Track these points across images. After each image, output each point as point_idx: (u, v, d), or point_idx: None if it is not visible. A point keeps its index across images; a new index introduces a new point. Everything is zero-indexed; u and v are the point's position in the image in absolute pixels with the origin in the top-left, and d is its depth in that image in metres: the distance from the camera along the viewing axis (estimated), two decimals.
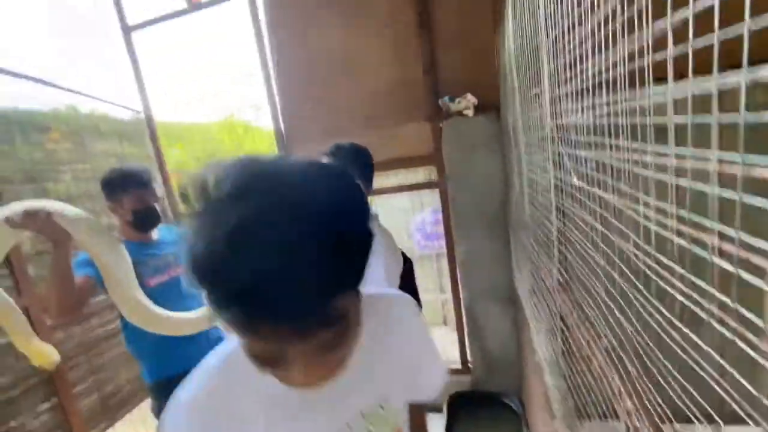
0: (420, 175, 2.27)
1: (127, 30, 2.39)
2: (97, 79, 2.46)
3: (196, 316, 1.38)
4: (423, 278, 3.97)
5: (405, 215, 3.20)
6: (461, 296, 2.16)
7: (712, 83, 0.27)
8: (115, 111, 2.41)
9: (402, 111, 2.06)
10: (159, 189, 1.46)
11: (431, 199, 2.64)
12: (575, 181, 0.66)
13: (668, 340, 0.40)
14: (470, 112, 1.81)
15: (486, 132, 1.84)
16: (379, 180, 2.15)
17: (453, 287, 2.23)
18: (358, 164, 1.14)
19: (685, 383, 0.40)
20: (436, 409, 2.23)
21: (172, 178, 2.69)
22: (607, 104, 0.50)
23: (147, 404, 2.38)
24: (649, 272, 0.42)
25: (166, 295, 1.36)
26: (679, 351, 0.38)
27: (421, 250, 4.47)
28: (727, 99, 0.29)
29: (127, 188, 1.35)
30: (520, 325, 1.94)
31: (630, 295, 0.49)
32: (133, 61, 2.45)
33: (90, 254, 1.22)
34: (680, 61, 0.32)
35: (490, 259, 2.01)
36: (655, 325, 0.42)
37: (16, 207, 1.08)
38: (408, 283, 1.17)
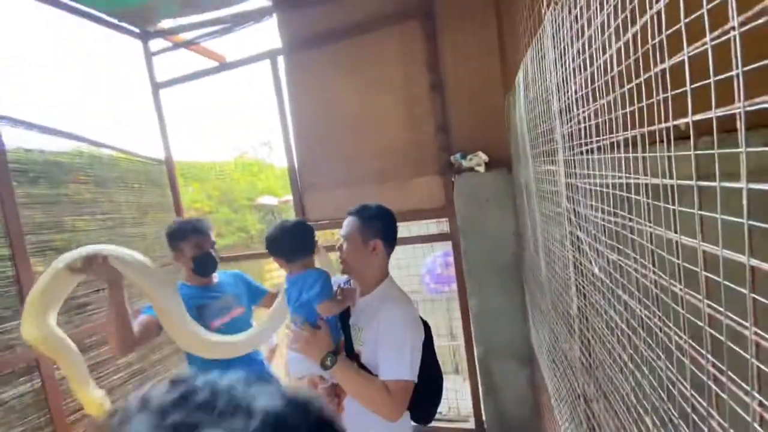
0: (432, 225, 2.29)
1: (156, 86, 2.54)
2: (124, 127, 2.59)
3: (244, 337, 1.52)
4: (433, 322, 3.88)
5: (415, 259, 3.20)
6: (475, 351, 2.10)
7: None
8: (138, 161, 2.52)
9: (414, 165, 2.11)
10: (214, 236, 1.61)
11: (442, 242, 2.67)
12: (596, 271, 0.66)
13: None
14: (481, 169, 1.85)
15: (497, 187, 1.87)
16: None
17: (466, 337, 2.17)
18: (384, 222, 1.18)
19: None
20: None
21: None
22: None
23: None
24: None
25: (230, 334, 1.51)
26: None
27: (432, 294, 4.40)
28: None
29: (185, 236, 1.49)
30: (538, 386, 1.87)
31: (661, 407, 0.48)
32: (160, 116, 2.58)
33: (143, 292, 1.34)
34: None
35: (505, 314, 1.97)
36: None
37: (75, 253, 1.19)
38: (429, 353, 1.16)
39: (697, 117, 0.34)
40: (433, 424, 2.32)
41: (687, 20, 0.33)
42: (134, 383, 2.25)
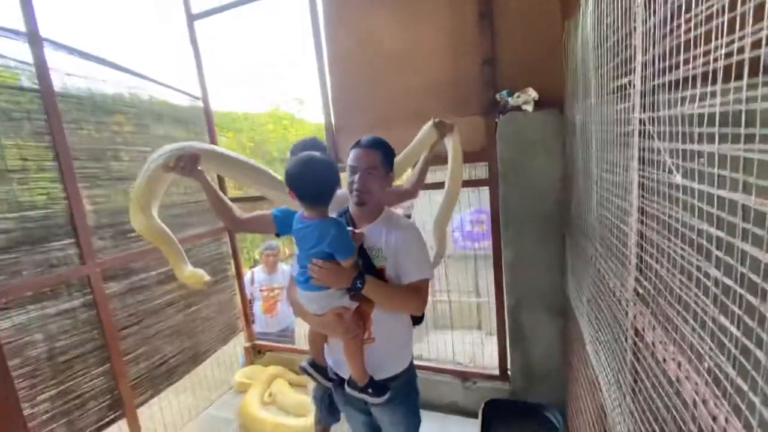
0: (468, 173, 2.19)
1: (191, 18, 2.48)
2: (160, 65, 2.58)
3: None
4: (459, 279, 3.87)
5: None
6: (505, 301, 2.06)
7: None
8: (175, 97, 2.52)
9: (455, 105, 1.99)
10: None
11: (474, 198, 2.57)
12: (678, 179, 0.58)
13: None
14: (530, 107, 1.72)
15: (546, 129, 1.73)
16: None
17: (497, 292, 2.14)
18: (393, 155, 1.25)
19: None
20: (471, 414, 2.16)
21: None
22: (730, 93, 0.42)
23: (190, 376, 2.50)
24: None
25: None
26: None
27: (460, 250, 4.36)
28: None
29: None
30: (569, 337, 1.83)
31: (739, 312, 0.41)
32: (195, 50, 2.55)
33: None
34: None
35: (541, 265, 1.90)
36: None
37: (167, 150, 1.30)
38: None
39: None
40: (457, 368, 2.37)
41: None
42: (179, 306, 2.40)
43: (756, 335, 0.42)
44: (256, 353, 2.93)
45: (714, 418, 0.50)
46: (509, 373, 2.15)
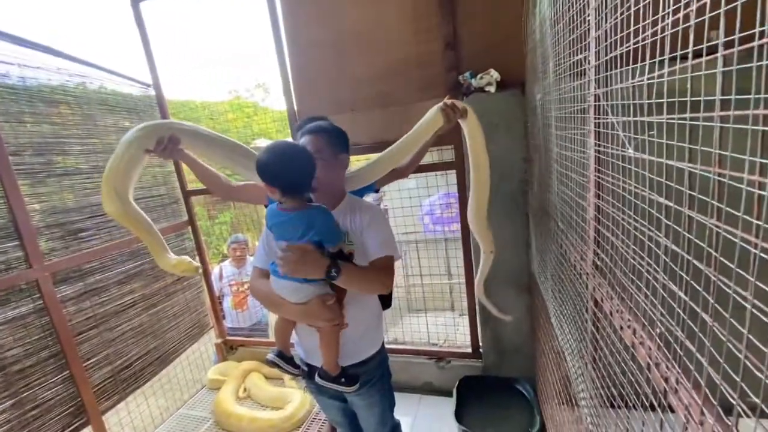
0: (433, 157, 2.19)
1: (135, 0, 2.30)
2: (107, 54, 2.39)
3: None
4: (430, 263, 3.93)
5: (412, 200, 3.14)
6: (475, 281, 2.10)
7: None
8: (125, 87, 2.35)
9: (419, 88, 1.97)
10: None
11: (442, 181, 2.58)
12: (631, 152, 0.59)
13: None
14: (492, 89, 1.73)
15: (509, 109, 1.75)
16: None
17: (467, 272, 2.18)
18: (344, 135, 1.24)
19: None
20: (446, 393, 2.22)
21: None
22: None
23: (160, 377, 2.41)
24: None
25: None
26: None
27: (430, 234, 4.42)
28: None
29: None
30: (535, 312, 1.90)
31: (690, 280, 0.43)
32: (142, 34, 2.38)
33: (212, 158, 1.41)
34: None
35: (507, 244, 1.95)
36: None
37: (143, 131, 1.22)
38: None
39: None
40: (432, 349, 2.42)
41: None
42: (142, 306, 2.28)
43: (702, 298, 0.44)
44: (228, 349, 2.86)
45: (666, 380, 0.53)
46: (481, 350, 2.21)
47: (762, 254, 0.33)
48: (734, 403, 0.38)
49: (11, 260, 1.72)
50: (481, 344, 2.22)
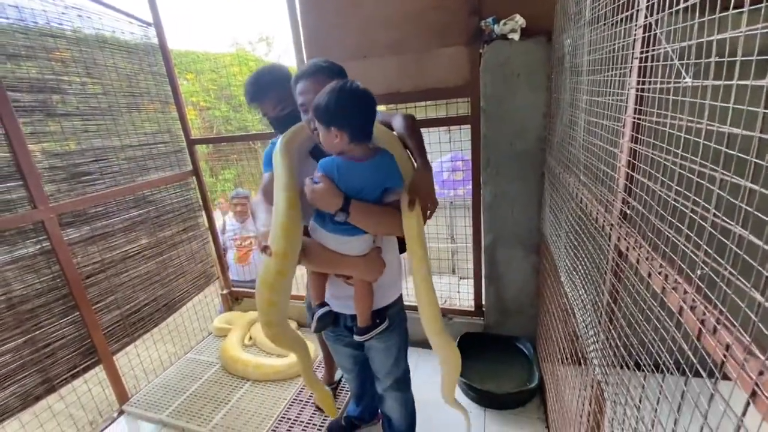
0: (447, 110, 2.10)
1: None
2: None
3: None
4: (434, 226, 3.92)
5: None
6: (482, 239, 2.09)
7: None
8: (124, 25, 2.21)
9: (436, 34, 1.85)
10: None
11: (450, 145, 2.49)
12: (689, 80, 0.54)
13: None
14: (516, 36, 1.61)
15: (532, 59, 1.65)
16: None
17: (474, 233, 2.15)
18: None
19: None
20: None
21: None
22: None
23: (167, 324, 2.46)
24: None
25: None
26: None
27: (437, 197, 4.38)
28: None
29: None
30: (542, 273, 1.89)
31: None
32: None
33: None
34: None
35: (519, 202, 1.91)
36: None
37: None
38: None
39: None
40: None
41: None
42: (148, 254, 2.29)
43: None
44: (234, 300, 2.92)
45: (702, 322, 0.51)
46: (484, 309, 2.23)
47: None
48: None
49: (15, 200, 1.70)
50: (484, 303, 2.24)
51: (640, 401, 0.70)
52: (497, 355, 2.13)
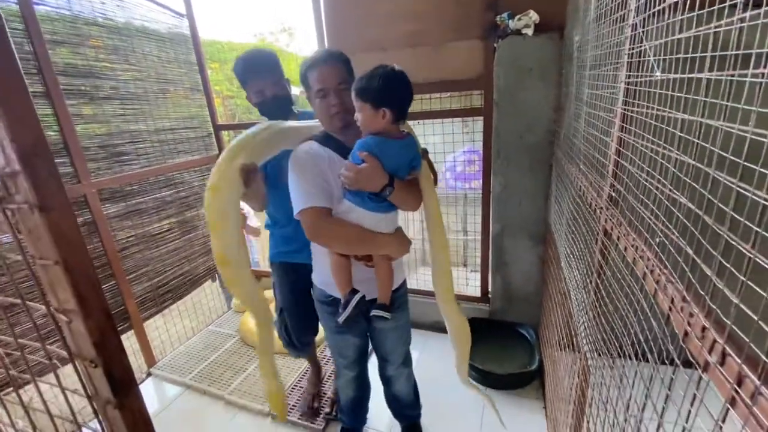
0: (462, 102, 2.18)
1: None
2: None
3: None
4: (448, 219, 3.99)
5: (436, 156, 3.13)
6: (491, 229, 2.17)
7: None
8: (159, 15, 2.36)
9: (453, 28, 1.93)
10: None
11: (466, 137, 2.56)
12: (658, 74, 0.62)
13: None
14: (530, 31, 1.67)
15: (545, 54, 1.71)
16: (417, 105, 2.08)
17: (483, 222, 2.23)
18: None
19: None
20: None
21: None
22: None
23: (191, 297, 2.64)
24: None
25: None
26: None
27: (450, 191, 4.44)
28: None
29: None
30: (546, 261, 1.96)
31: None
32: None
33: None
34: None
35: (527, 193, 1.98)
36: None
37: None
38: None
39: None
40: None
41: None
42: (177, 232, 2.47)
43: (705, 204, 0.48)
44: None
45: (657, 282, 0.59)
46: (490, 295, 2.32)
47: None
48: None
49: (62, 175, 1.87)
50: (490, 290, 2.32)
51: (620, 380, 0.78)
52: (501, 339, 2.22)
